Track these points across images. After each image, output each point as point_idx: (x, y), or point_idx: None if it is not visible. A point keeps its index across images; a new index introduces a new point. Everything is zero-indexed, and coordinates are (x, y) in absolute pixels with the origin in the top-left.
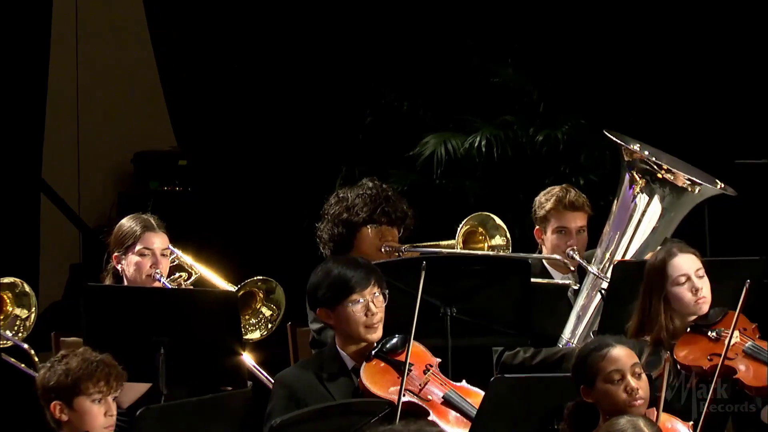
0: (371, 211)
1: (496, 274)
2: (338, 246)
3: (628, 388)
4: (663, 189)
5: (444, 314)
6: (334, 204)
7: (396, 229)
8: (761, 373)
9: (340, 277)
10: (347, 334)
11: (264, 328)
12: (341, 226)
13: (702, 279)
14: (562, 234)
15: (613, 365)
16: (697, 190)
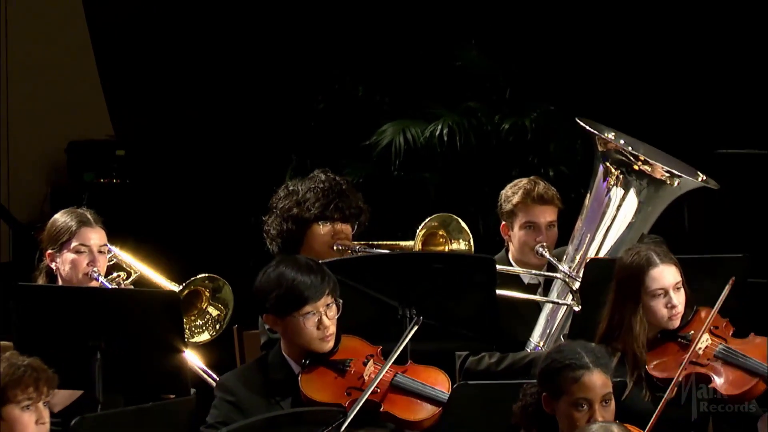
0: (323, 207)
1: (459, 274)
2: (287, 243)
3: (592, 420)
4: (639, 181)
5: (403, 317)
6: (284, 198)
7: (350, 226)
8: (736, 378)
9: (293, 287)
10: (295, 344)
11: (212, 330)
12: (290, 221)
13: (679, 292)
14: (531, 230)
15: (584, 393)
16: (676, 183)
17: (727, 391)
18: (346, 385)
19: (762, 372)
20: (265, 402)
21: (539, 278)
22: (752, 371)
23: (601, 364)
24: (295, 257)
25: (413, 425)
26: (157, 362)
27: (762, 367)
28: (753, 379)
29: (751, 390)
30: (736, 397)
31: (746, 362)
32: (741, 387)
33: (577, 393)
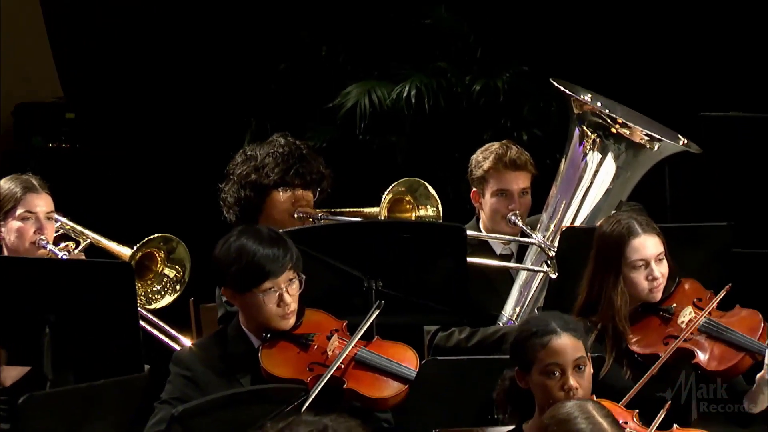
0: (283, 172)
1: (427, 243)
2: (245, 211)
3: (566, 386)
4: (618, 146)
5: (368, 289)
6: (241, 163)
7: (311, 193)
8: (720, 353)
9: (254, 261)
10: (254, 319)
11: (171, 292)
12: (249, 188)
13: (661, 264)
14: (503, 197)
15: (553, 357)
16: (656, 147)
17: (712, 366)
18: (309, 361)
19: (748, 346)
20: (224, 378)
21: (512, 248)
22: (738, 346)
23: (570, 328)
24: (256, 228)
25: (378, 403)
26: (109, 337)
27: (748, 342)
28: (738, 353)
29: (737, 365)
30: (721, 373)
31: (732, 336)
32: (726, 362)
33: (547, 359)
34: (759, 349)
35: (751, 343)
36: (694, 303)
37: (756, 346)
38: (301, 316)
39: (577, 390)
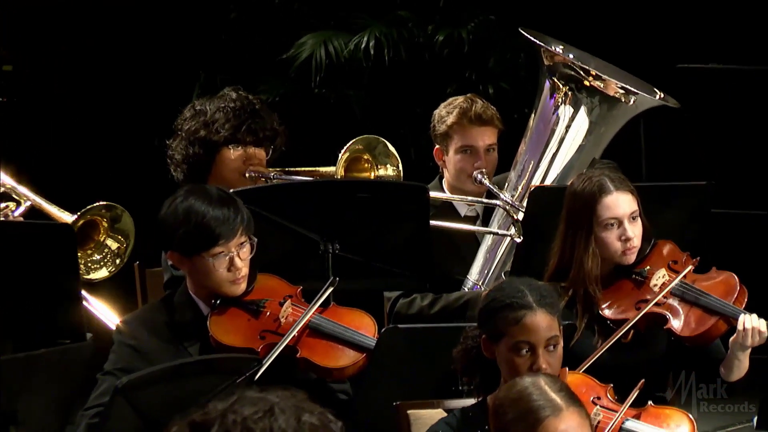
0: (234, 129)
1: (387, 204)
2: (193, 169)
3: (535, 366)
4: (591, 99)
5: (324, 252)
6: (190, 118)
7: (264, 150)
8: (694, 318)
9: (203, 223)
10: (203, 285)
11: (111, 264)
12: (197, 145)
13: (635, 223)
14: (467, 154)
15: (525, 335)
16: (631, 101)
17: (685, 332)
18: (261, 328)
19: (722, 310)
20: (171, 347)
21: (477, 209)
22: (712, 310)
23: (547, 303)
24: (205, 187)
25: (333, 373)
26: (49, 304)
27: (722, 306)
28: (712, 318)
29: (710, 330)
30: (694, 339)
31: (706, 300)
32: (699, 327)
33: (518, 335)
34: (733, 314)
35: (725, 307)
36: (668, 266)
37: (730, 310)
38: (253, 282)
39: (546, 370)
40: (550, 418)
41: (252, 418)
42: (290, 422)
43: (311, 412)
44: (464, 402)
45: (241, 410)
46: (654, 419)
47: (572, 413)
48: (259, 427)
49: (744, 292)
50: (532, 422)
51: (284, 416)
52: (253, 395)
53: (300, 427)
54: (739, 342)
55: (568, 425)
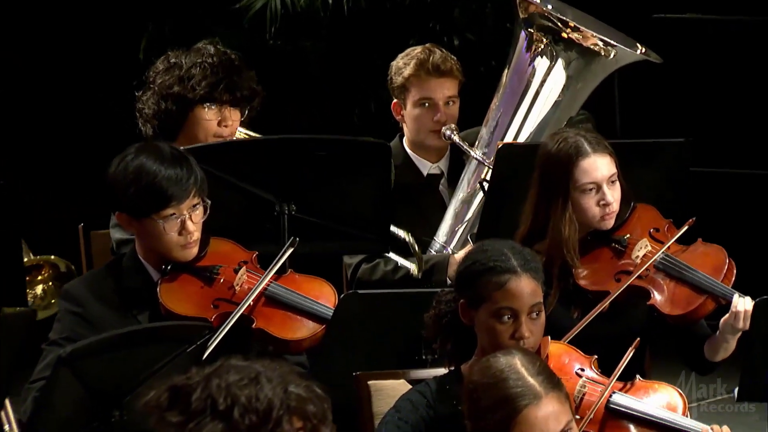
0: (211, 86)
1: (347, 162)
2: (164, 126)
3: (517, 334)
4: (568, 52)
5: (280, 213)
6: (164, 72)
7: (239, 111)
8: (680, 295)
9: (154, 183)
10: (152, 249)
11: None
12: (171, 101)
13: (614, 187)
14: (426, 107)
15: (509, 301)
16: (611, 55)
17: (670, 310)
18: (214, 296)
19: (711, 289)
20: (119, 315)
21: (441, 167)
22: (700, 288)
23: (531, 268)
24: (157, 144)
25: (290, 345)
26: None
27: (711, 283)
28: (700, 296)
29: (697, 310)
30: (680, 317)
31: (693, 276)
32: (686, 306)
33: (501, 301)
34: (724, 293)
35: (714, 285)
36: (650, 234)
37: (720, 289)
38: (206, 246)
39: (529, 339)
40: (529, 407)
41: (237, 384)
42: (276, 391)
43: (298, 384)
44: (430, 372)
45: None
46: (643, 393)
47: (552, 399)
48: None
49: (732, 269)
50: (510, 411)
51: (270, 385)
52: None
53: (287, 397)
54: (731, 324)
55: (548, 412)
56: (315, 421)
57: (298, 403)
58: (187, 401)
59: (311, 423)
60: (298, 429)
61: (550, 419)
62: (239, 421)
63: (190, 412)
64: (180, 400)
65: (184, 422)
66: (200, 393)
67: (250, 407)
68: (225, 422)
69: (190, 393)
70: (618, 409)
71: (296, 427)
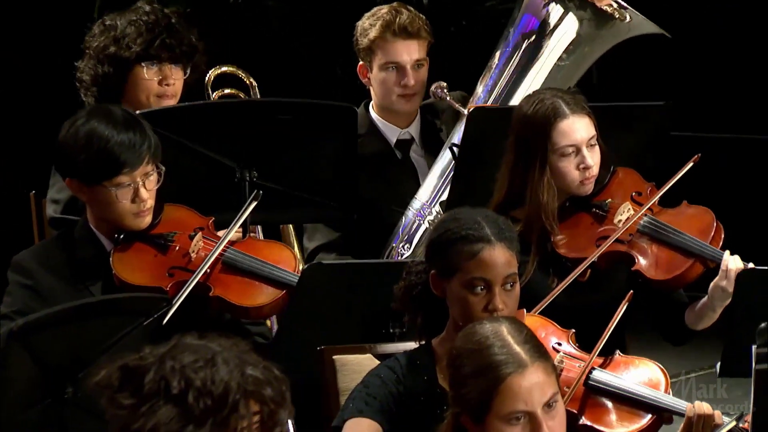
0: (147, 43)
1: (311, 126)
2: (104, 91)
3: (490, 306)
4: (581, 11)
5: (240, 180)
6: (99, 35)
7: (181, 69)
8: (666, 259)
9: (107, 149)
10: (104, 217)
11: None
12: (107, 63)
13: (593, 149)
14: (392, 71)
15: (482, 271)
16: (626, 19)
17: (656, 274)
18: (169, 265)
19: (699, 252)
20: (70, 287)
21: (411, 132)
22: (687, 251)
23: (505, 237)
24: (109, 108)
25: (250, 312)
26: None
27: (699, 246)
28: (687, 260)
29: (685, 274)
30: (667, 283)
31: (680, 239)
32: (673, 270)
33: (474, 271)
34: (713, 256)
35: (703, 247)
36: (632, 198)
37: (709, 252)
38: (160, 214)
39: (503, 311)
40: (513, 375)
41: (192, 366)
42: (233, 374)
43: (255, 365)
44: (397, 346)
45: (180, 357)
46: (623, 369)
47: (537, 368)
48: (200, 377)
49: (720, 231)
50: (494, 379)
51: (227, 367)
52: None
53: (243, 380)
54: (721, 287)
55: (533, 382)
56: (272, 406)
57: (256, 386)
58: (140, 383)
59: (268, 407)
60: (255, 413)
61: (535, 390)
62: (194, 405)
63: (142, 394)
64: (132, 382)
65: (136, 405)
66: (153, 375)
67: (205, 391)
68: (179, 406)
69: (143, 374)
70: (597, 386)
71: (253, 410)
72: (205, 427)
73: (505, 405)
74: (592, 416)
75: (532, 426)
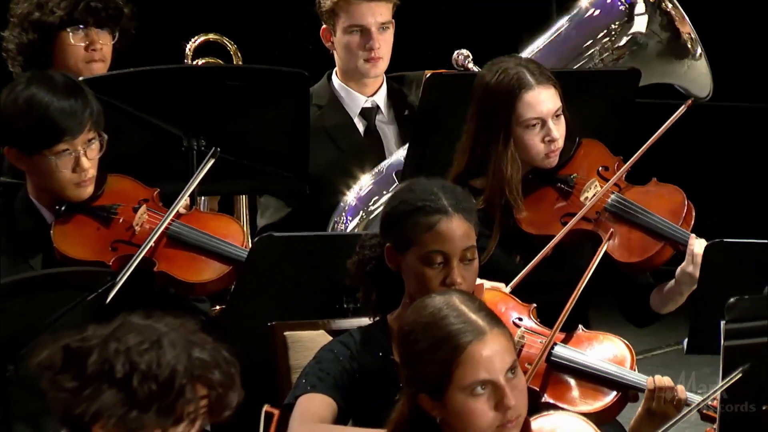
0: (70, 7)
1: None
2: (31, 59)
3: (448, 280)
4: (658, 27)
5: (188, 149)
6: (23, 1)
7: (108, 33)
8: (634, 241)
9: (47, 116)
10: (44, 188)
11: None
12: (32, 30)
13: (559, 121)
14: (357, 34)
15: (439, 244)
16: (691, 56)
17: (623, 256)
18: (112, 238)
19: (670, 234)
20: (10, 260)
21: (377, 99)
22: (657, 233)
23: (463, 208)
24: (50, 74)
25: (196, 288)
26: None
27: (669, 228)
28: (657, 242)
29: (654, 257)
30: (635, 265)
31: (649, 220)
32: (642, 253)
33: (431, 244)
34: (683, 239)
35: (673, 230)
36: (599, 173)
37: (681, 235)
38: (102, 184)
39: (461, 285)
40: (473, 343)
41: (137, 349)
42: (180, 357)
43: (203, 347)
44: (351, 322)
45: (125, 339)
46: (587, 345)
47: (496, 335)
48: (144, 360)
49: (691, 211)
50: (452, 350)
51: (173, 350)
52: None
53: (190, 364)
54: (688, 272)
55: (494, 349)
56: (220, 390)
57: (203, 370)
58: (83, 365)
59: (216, 391)
60: (203, 397)
61: (496, 357)
62: (138, 389)
63: (85, 377)
64: (74, 364)
65: (78, 388)
66: (97, 357)
67: (150, 375)
68: (123, 391)
69: (86, 356)
70: (560, 362)
71: (200, 394)
72: (150, 412)
73: (466, 375)
74: (555, 393)
75: (496, 395)
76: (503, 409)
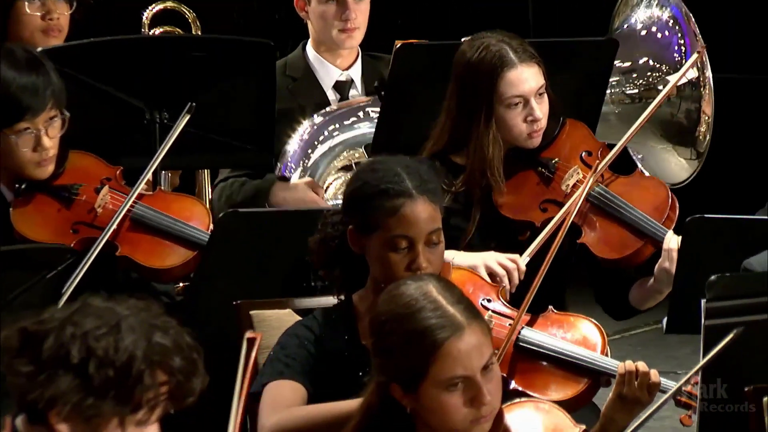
0: None
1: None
2: None
3: (414, 266)
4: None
5: (151, 122)
6: None
7: (65, 2)
8: (616, 237)
9: (7, 94)
10: (4, 166)
11: None
12: None
13: (542, 100)
14: (332, 3)
15: (403, 228)
16: (702, 88)
17: (603, 252)
18: (73, 220)
19: (652, 233)
20: None
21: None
22: (639, 230)
23: (428, 190)
24: (10, 48)
25: (160, 274)
26: None
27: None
28: (638, 240)
29: (634, 255)
30: (615, 262)
31: (631, 216)
32: (622, 250)
33: (395, 228)
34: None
35: (655, 228)
36: (582, 159)
37: (662, 233)
38: (64, 162)
39: (427, 269)
40: (450, 339)
41: (94, 333)
42: (139, 343)
43: (165, 331)
44: (319, 300)
45: (83, 322)
46: (557, 328)
47: (474, 330)
48: (101, 345)
49: (675, 207)
50: (429, 346)
51: (132, 335)
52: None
53: (150, 349)
54: (666, 269)
55: (471, 345)
56: (181, 376)
57: (163, 355)
58: (39, 349)
59: (176, 378)
60: (163, 383)
61: (474, 353)
62: (94, 375)
63: (40, 362)
64: (31, 347)
65: (34, 373)
66: (53, 341)
67: (107, 360)
68: (79, 377)
69: (42, 340)
70: (528, 346)
71: (160, 381)
72: (107, 399)
73: (442, 371)
74: (523, 381)
75: (472, 391)
76: (478, 404)
